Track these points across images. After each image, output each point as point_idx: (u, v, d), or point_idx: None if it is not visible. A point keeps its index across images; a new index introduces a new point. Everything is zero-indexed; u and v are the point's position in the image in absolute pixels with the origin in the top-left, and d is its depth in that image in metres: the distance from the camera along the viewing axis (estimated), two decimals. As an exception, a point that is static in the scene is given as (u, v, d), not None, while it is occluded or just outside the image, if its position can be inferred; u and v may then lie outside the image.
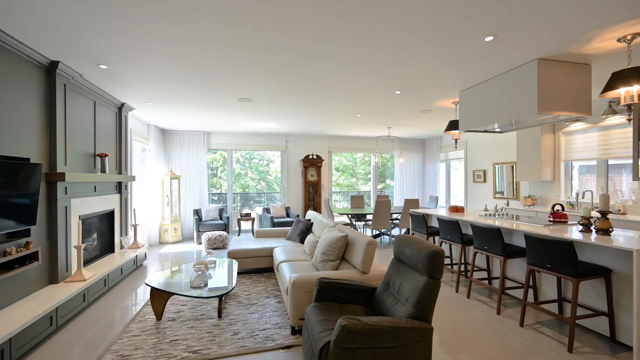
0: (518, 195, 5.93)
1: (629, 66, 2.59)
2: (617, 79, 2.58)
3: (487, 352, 2.39)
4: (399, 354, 1.72)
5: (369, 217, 6.69)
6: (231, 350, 2.39)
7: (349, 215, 6.80)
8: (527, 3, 2.07)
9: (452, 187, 8.31)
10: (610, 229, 2.64)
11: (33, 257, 2.81)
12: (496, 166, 6.47)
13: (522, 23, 2.33)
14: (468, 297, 3.49)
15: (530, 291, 3.28)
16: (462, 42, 2.64)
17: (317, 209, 8.01)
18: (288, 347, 2.47)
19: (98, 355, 2.36)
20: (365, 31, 2.44)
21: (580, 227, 2.87)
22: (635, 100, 2.55)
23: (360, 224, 7.33)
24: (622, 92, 2.58)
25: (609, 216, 4.06)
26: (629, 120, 2.59)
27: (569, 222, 3.33)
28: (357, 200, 7.61)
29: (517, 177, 5.61)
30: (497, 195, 6.47)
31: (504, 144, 6.27)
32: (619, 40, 2.58)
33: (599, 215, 2.88)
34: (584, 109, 3.11)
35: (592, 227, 2.80)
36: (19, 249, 2.66)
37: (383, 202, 6.00)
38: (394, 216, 7.03)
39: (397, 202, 8.65)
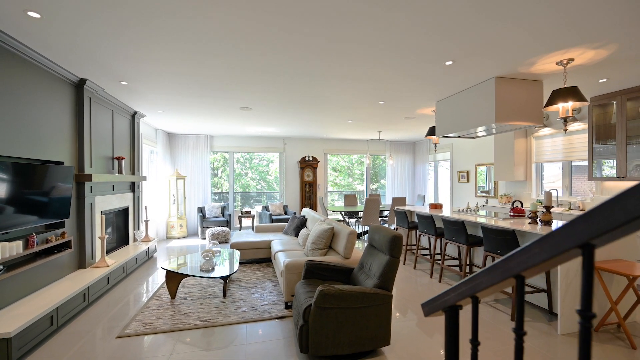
0: (497, 194, 6.45)
1: (565, 85, 3.10)
2: (556, 95, 3.10)
3: (445, 322, 2.91)
4: (365, 313, 2.25)
5: (361, 214, 7.20)
6: (235, 320, 2.92)
7: (342, 213, 7.32)
8: (473, 38, 2.59)
9: (440, 186, 8.83)
10: (551, 221, 3.16)
11: (67, 245, 3.33)
12: (478, 167, 7.00)
13: (471, 52, 2.85)
14: (440, 281, 4.01)
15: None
16: (430, 64, 3.16)
17: (314, 207, 8.53)
18: (281, 317, 2.99)
19: (126, 323, 2.88)
20: (352, 53, 2.95)
21: (529, 220, 3.39)
22: (570, 114, 3.08)
23: (352, 220, 7.85)
24: (560, 107, 3.10)
25: (571, 211, 4.58)
26: (565, 130, 3.10)
27: (525, 216, 3.85)
28: (350, 198, 8.13)
29: (495, 178, 6.14)
30: (478, 194, 6.99)
31: (485, 147, 6.79)
32: (557, 63, 3.10)
33: (544, 209, 3.39)
34: (536, 119, 3.63)
35: (538, 220, 3.32)
36: (57, 238, 3.18)
37: (372, 200, 6.51)
38: (385, 213, 7.55)
39: (389, 201, 9.16)
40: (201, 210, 7.36)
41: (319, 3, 2.07)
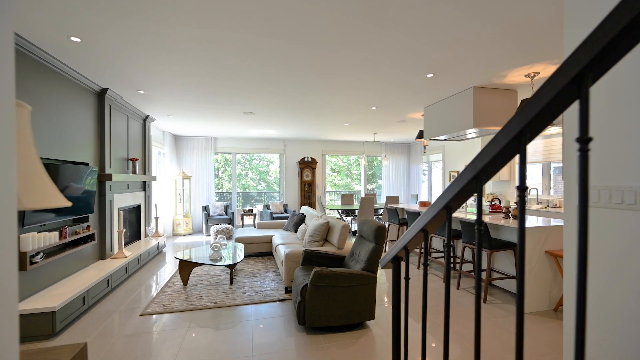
0: (484, 192, 6.86)
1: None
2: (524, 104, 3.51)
3: (430, 305, 3.32)
4: (353, 291, 2.65)
5: (357, 212, 7.61)
6: (241, 302, 3.32)
7: (339, 211, 7.73)
8: (448, 56, 3.00)
9: (433, 186, 9.23)
10: (521, 215, 3.57)
11: (92, 237, 3.74)
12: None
13: (448, 67, 3.27)
14: (458, 288, 4.42)
15: (470, 265, 4.21)
16: (414, 75, 3.57)
17: (312, 206, 8.94)
18: (282, 300, 3.40)
19: (146, 304, 3.29)
20: (346, 67, 3.37)
21: (503, 215, 3.80)
22: (537, 121, 3.48)
23: (348, 218, 8.25)
24: (528, 114, 3.51)
25: (549, 209, 4.99)
26: (532, 135, 3.51)
27: (502, 211, 4.25)
28: (347, 198, 8.54)
29: (482, 177, 6.54)
30: (468, 193, 7.40)
31: (475, 149, 7.20)
32: (525, 76, 3.52)
33: (515, 205, 3.79)
34: (511, 124, 4.03)
35: (510, 214, 3.73)
36: (83, 231, 3.59)
37: (367, 199, 6.92)
38: (380, 211, 7.96)
39: (385, 200, 9.57)
40: (205, 208, 7.76)
41: (317, 27, 2.49)
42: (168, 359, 2.33)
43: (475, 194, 0.85)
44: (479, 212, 0.83)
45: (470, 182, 0.81)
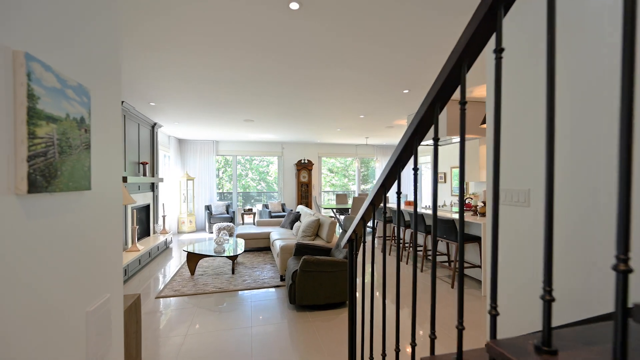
0: (467, 193, 7.38)
1: (496, 108, 4.03)
2: (489, 116, 4.03)
3: (402, 290, 3.84)
4: (336, 275, 3.17)
5: (350, 211, 8.12)
6: (242, 287, 3.84)
7: (334, 210, 8.25)
8: (420, 76, 3.52)
9: (424, 186, 9.74)
10: (485, 212, 4.08)
11: (110, 232, 4.24)
12: (453, 169, 7.92)
13: (420, 84, 3.78)
14: (406, 264, 4.94)
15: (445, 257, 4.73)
16: (394, 91, 4.09)
17: (309, 205, 9.45)
18: (277, 286, 3.91)
19: (159, 290, 3.80)
20: (334, 82, 3.89)
21: (472, 212, 4.31)
22: (499, 130, 4.00)
23: (342, 217, 8.77)
24: (492, 124, 4.03)
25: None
26: (495, 143, 4.02)
27: (471, 209, 4.77)
28: (341, 197, 9.05)
29: (465, 179, 7.06)
30: (454, 193, 7.92)
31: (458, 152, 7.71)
32: (490, 91, 4.03)
33: (482, 204, 4.32)
34: (479, 132, 4.56)
35: (477, 212, 4.24)
36: (103, 226, 4.10)
37: (359, 199, 7.44)
38: (371, 211, 8.47)
39: (378, 200, 10.07)
40: (208, 207, 8.28)
41: (306, 52, 3.00)
42: (182, 330, 2.84)
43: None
44: (385, 209, 1.34)
45: (379, 189, 1.33)
